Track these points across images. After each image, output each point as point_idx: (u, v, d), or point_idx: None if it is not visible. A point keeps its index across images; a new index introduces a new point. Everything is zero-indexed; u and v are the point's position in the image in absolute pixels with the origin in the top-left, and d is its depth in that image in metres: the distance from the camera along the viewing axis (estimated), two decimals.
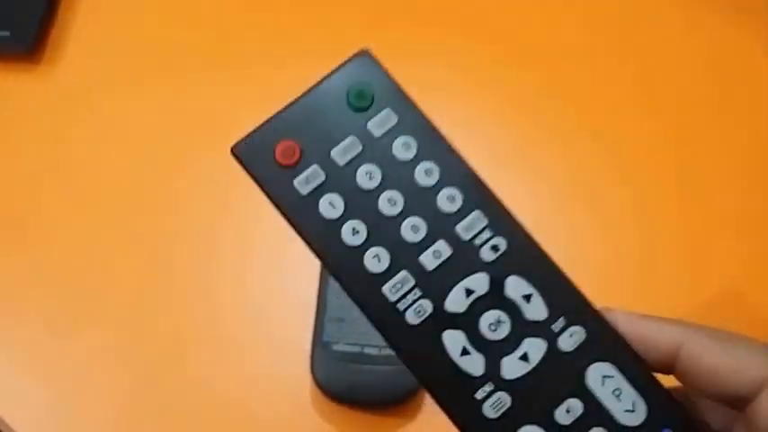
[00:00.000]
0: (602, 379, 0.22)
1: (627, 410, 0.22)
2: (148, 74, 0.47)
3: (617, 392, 0.22)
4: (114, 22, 0.49)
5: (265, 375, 0.39)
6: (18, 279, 0.42)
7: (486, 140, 0.45)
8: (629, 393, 0.22)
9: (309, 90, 0.23)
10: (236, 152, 0.23)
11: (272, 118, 0.23)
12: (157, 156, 0.45)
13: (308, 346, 0.38)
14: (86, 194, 0.44)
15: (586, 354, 0.22)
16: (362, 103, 0.23)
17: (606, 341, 0.22)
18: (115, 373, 0.39)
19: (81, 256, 0.42)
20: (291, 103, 0.23)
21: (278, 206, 0.23)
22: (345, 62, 0.23)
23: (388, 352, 0.37)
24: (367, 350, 0.37)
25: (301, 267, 0.41)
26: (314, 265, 0.39)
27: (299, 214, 0.23)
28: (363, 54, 0.24)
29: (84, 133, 0.45)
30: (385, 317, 0.22)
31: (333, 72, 0.23)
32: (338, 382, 0.37)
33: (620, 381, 0.22)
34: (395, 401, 0.37)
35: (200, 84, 0.46)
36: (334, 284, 0.38)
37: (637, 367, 0.22)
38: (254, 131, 0.23)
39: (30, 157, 0.45)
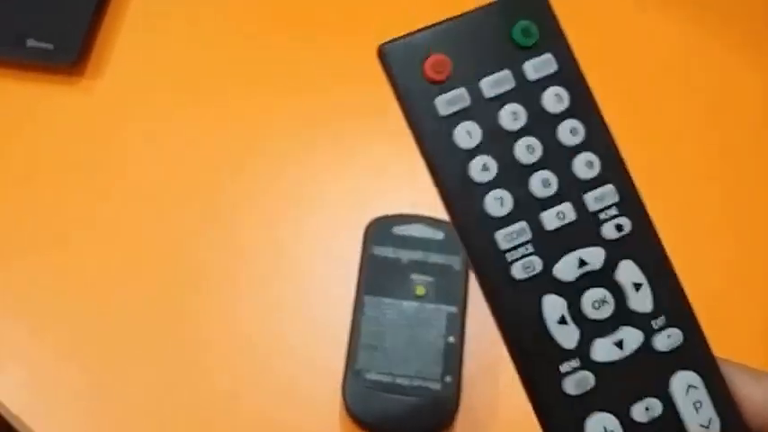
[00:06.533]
0: (687, 388, 0.21)
1: (702, 425, 0.21)
2: (190, 90, 0.47)
3: (697, 405, 0.21)
4: (158, 37, 0.49)
5: (297, 397, 0.38)
6: (52, 296, 0.41)
7: None
8: (708, 409, 0.21)
9: (475, 9, 0.22)
10: (383, 53, 0.21)
11: (430, 27, 0.21)
12: (197, 172, 0.44)
13: (341, 371, 0.37)
14: (124, 210, 0.43)
15: (678, 359, 0.22)
16: (527, 40, 0.21)
17: (699, 352, 0.22)
18: (150, 394, 0.38)
19: (116, 272, 0.41)
20: (453, 18, 0.22)
21: (411, 121, 0.21)
22: None
23: (420, 383, 0.36)
24: (399, 380, 0.36)
25: (336, 292, 0.40)
26: (349, 290, 0.39)
27: (432, 133, 0.21)
28: None
29: (124, 147, 0.45)
30: (489, 262, 0.21)
31: None
32: (368, 410, 0.36)
33: (702, 394, 0.22)
34: None
35: (242, 100, 0.46)
36: (368, 311, 0.38)
37: (721, 387, 0.22)
38: (407, 35, 0.21)
39: (70, 169, 0.44)
